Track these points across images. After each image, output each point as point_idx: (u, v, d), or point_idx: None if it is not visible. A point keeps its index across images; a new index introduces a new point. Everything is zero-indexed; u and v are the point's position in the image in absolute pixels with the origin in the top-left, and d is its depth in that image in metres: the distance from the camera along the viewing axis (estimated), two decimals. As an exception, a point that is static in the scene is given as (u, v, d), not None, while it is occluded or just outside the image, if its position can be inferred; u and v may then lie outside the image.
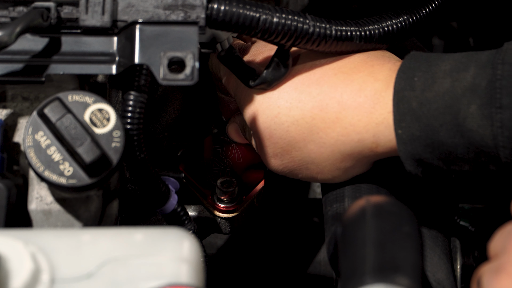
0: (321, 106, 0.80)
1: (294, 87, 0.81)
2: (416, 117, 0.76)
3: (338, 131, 0.79)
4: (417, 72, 0.77)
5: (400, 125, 0.76)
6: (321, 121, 0.80)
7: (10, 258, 0.62)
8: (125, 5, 0.74)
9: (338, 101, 0.79)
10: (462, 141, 0.74)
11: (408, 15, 0.83)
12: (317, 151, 0.81)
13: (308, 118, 0.80)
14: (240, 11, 0.75)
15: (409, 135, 0.76)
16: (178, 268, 0.64)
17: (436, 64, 0.77)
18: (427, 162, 0.77)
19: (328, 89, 0.80)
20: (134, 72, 0.75)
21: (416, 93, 0.76)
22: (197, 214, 0.95)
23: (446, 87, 0.75)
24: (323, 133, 0.80)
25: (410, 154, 0.77)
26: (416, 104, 0.76)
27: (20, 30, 0.70)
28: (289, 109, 0.81)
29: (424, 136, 0.76)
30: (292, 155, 0.82)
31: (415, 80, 0.77)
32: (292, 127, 0.81)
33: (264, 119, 0.82)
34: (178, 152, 0.96)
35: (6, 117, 0.77)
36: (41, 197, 0.75)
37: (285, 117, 0.81)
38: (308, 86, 0.81)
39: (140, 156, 0.76)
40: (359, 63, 0.81)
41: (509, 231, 0.66)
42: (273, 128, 0.81)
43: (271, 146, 0.82)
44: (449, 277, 0.83)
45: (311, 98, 0.80)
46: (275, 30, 0.77)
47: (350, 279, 0.68)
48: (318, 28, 0.79)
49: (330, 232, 0.84)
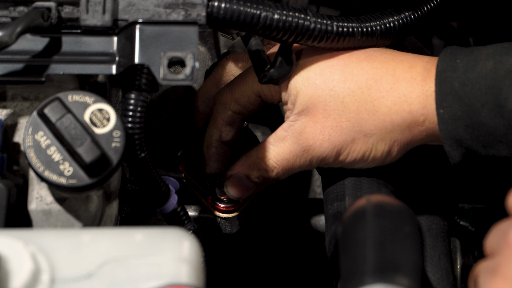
0: (375, 78, 0.81)
1: (344, 64, 0.82)
2: (458, 97, 0.77)
3: (391, 99, 0.81)
4: (459, 55, 0.79)
5: (442, 104, 0.78)
6: (376, 91, 0.81)
7: (10, 258, 0.62)
8: (126, 4, 0.74)
9: (391, 74, 0.81)
10: (503, 122, 0.76)
11: (410, 12, 0.84)
12: (369, 119, 0.81)
13: (364, 89, 0.81)
14: (240, 8, 0.75)
15: (451, 115, 0.78)
16: (178, 268, 0.64)
17: (478, 49, 0.79)
18: (466, 144, 0.78)
19: (379, 65, 0.82)
20: (135, 72, 0.75)
21: (458, 74, 0.78)
22: (197, 214, 0.95)
23: (489, 68, 0.77)
24: (377, 101, 0.81)
25: (450, 134, 0.78)
26: (458, 84, 0.78)
27: (20, 30, 0.70)
28: (344, 81, 0.82)
29: (465, 116, 0.77)
30: (343, 126, 0.82)
31: (457, 62, 0.79)
32: (348, 97, 0.82)
33: (320, 94, 0.82)
34: (178, 152, 0.96)
35: (6, 117, 0.77)
36: (41, 197, 0.75)
37: (341, 89, 0.82)
38: (358, 63, 0.82)
39: (141, 156, 0.76)
40: (399, 53, 0.84)
41: (503, 230, 0.66)
42: (328, 101, 0.82)
43: (322, 121, 0.82)
44: (449, 277, 0.83)
45: (364, 72, 0.82)
46: (276, 27, 0.77)
47: (350, 279, 0.68)
48: (320, 25, 0.79)
49: (331, 232, 0.84)
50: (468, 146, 0.78)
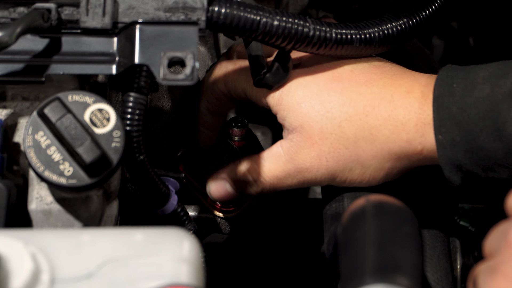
0: (373, 104, 0.80)
1: (343, 88, 0.81)
2: (456, 122, 0.77)
3: (389, 128, 0.80)
4: (456, 79, 0.78)
5: (440, 130, 0.77)
6: (374, 118, 0.80)
7: (10, 258, 0.62)
8: (126, 7, 0.74)
9: (389, 101, 0.80)
10: (502, 146, 0.75)
11: (408, 18, 0.83)
12: (367, 148, 0.81)
13: (362, 115, 0.80)
14: (240, 14, 0.75)
15: (449, 140, 0.77)
16: (178, 268, 0.64)
17: (474, 71, 0.78)
18: (466, 169, 0.78)
19: (378, 90, 0.81)
20: (134, 73, 0.75)
21: (456, 99, 0.77)
22: (197, 214, 0.95)
23: (486, 92, 0.76)
24: (375, 130, 0.80)
25: (449, 159, 0.78)
26: (456, 110, 0.77)
27: (20, 31, 0.70)
28: (341, 105, 0.81)
29: (464, 141, 0.76)
30: (340, 153, 0.81)
31: (454, 86, 0.78)
32: (345, 122, 0.81)
33: (316, 114, 0.81)
34: (178, 152, 0.96)
35: (6, 117, 0.77)
36: (41, 197, 0.75)
37: (338, 113, 0.81)
38: (358, 87, 0.81)
39: (140, 158, 0.76)
40: (397, 71, 0.83)
41: (503, 230, 0.66)
42: (324, 123, 0.81)
43: (319, 143, 0.82)
44: (448, 277, 0.83)
45: (362, 97, 0.81)
46: (275, 33, 0.77)
47: (350, 279, 0.68)
48: (319, 31, 0.79)
49: (330, 232, 0.84)
50: (468, 170, 0.78)
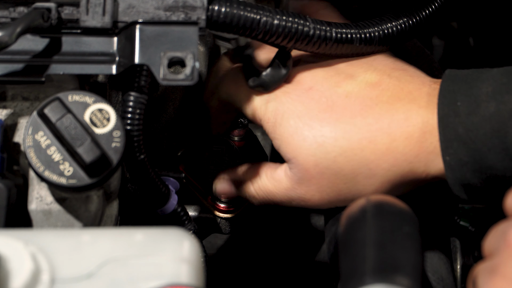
0: (369, 137, 0.78)
1: (336, 118, 0.79)
2: (464, 143, 0.75)
3: (389, 162, 0.78)
4: (459, 96, 0.76)
5: (448, 151, 0.76)
6: (371, 153, 0.78)
7: (10, 258, 0.62)
8: (126, 6, 0.74)
9: (387, 133, 0.78)
10: (511, 165, 0.74)
11: (408, 17, 0.83)
12: (366, 183, 0.79)
13: (357, 150, 0.78)
14: (240, 13, 0.75)
15: (457, 161, 0.76)
16: (178, 268, 0.64)
17: (476, 86, 0.76)
18: (475, 187, 0.77)
19: (373, 121, 0.78)
20: (134, 73, 0.75)
21: (462, 119, 0.75)
22: (197, 214, 0.95)
23: (492, 111, 0.74)
24: (373, 164, 0.78)
25: (458, 180, 0.76)
26: (462, 130, 0.75)
27: (20, 31, 0.70)
28: (334, 139, 0.78)
29: (472, 162, 0.75)
30: (339, 188, 0.80)
31: (458, 105, 0.76)
32: (340, 157, 0.78)
33: (308, 147, 0.79)
34: (178, 152, 0.96)
35: (6, 117, 0.77)
36: (41, 197, 0.75)
37: (332, 147, 0.78)
38: (352, 118, 0.79)
39: (140, 158, 0.76)
40: (395, 89, 0.80)
41: (502, 230, 0.66)
42: (318, 157, 0.78)
43: (317, 177, 0.79)
44: (448, 277, 0.83)
45: (357, 130, 0.78)
46: (275, 32, 0.77)
47: (350, 279, 0.68)
48: (319, 31, 0.79)
49: (331, 232, 0.84)
50: (477, 188, 0.77)
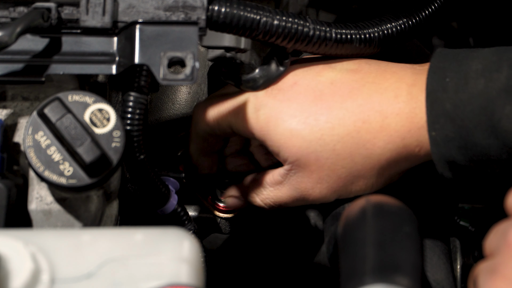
0: (363, 118, 0.79)
1: (328, 107, 0.80)
2: (450, 119, 0.76)
3: (384, 139, 0.79)
4: (448, 72, 0.77)
5: (434, 126, 0.77)
6: (366, 133, 0.79)
7: (10, 258, 0.62)
8: (126, 6, 0.74)
9: (378, 111, 0.79)
10: (496, 143, 0.75)
11: (408, 18, 0.83)
12: (364, 163, 0.80)
13: (354, 133, 0.79)
14: (241, 13, 0.75)
15: (443, 137, 0.76)
16: (178, 268, 0.64)
17: (466, 63, 0.77)
18: (459, 165, 0.77)
19: (363, 101, 0.79)
20: (134, 73, 0.75)
21: (449, 95, 0.76)
22: (197, 214, 0.95)
23: (480, 88, 0.75)
24: (370, 144, 0.79)
25: (443, 156, 0.77)
26: (449, 106, 0.76)
27: (20, 31, 0.70)
28: (331, 129, 0.79)
29: (458, 138, 0.76)
30: (339, 173, 0.81)
31: (447, 81, 0.76)
32: (338, 145, 0.79)
33: (308, 146, 0.80)
34: (178, 152, 0.96)
35: (6, 117, 0.77)
36: (41, 197, 0.75)
37: (330, 137, 0.79)
38: (342, 102, 0.80)
39: (140, 158, 0.76)
40: (378, 71, 0.81)
41: (503, 230, 0.66)
42: (319, 151, 0.80)
43: (318, 170, 0.81)
44: (448, 277, 0.83)
45: (350, 113, 0.79)
46: (275, 33, 0.77)
47: (350, 279, 0.68)
48: (318, 31, 0.79)
49: (330, 232, 0.84)
50: (461, 165, 0.77)
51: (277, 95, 0.81)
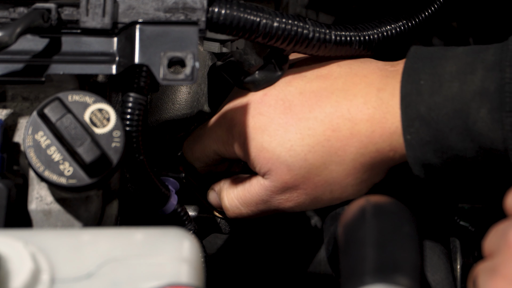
0: (332, 127, 0.79)
1: (297, 118, 0.80)
2: (425, 122, 0.75)
3: (355, 145, 0.79)
4: (422, 75, 0.76)
5: (409, 130, 0.76)
6: (336, 141, 0.79)
7: (10, 258, 0.62)
8: (126, 7, 0.74)
9: (347, 118, 0.79)
10: (472, 145, 0.74)
11: (407, 20, 0.83)
12: (339, 170, 0.80)
13: (324, 142, 0.79)
14: (240, 15, 0.75)
15: (418, 141, 0.76)
16: (178, 268, 0.64)
17: (440, 64, 0.76)
18: (435, 167, 0.77)
19: (332, 109, 0.79)
20: (134, 73, 0.75)
21: (424, 98, 0.76)
22: (197, 214, 0.95)
23: (455, 91, 0.74)
24: (341, 151, 0.79)
25: (419, 159, 0.77)
26: (424, 109, 0.75)
27: (20, 31, 0.70)
28: (301, 139, 0.80)
29: (433, 141, 0.76)
30: (315, 181, 0.81)
31: (421, 83, 0.76)
32: (309, 154, 0.80)
33: (278, 156, 0.80)
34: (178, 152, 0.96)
35: (6, 117, 0.77)
36: (41, 197, 0.75)
37: (300, 147, 0.80)
38: (311, 112, 0.80)
39: (139, 158, 0.76)
40: (348, 76, 0.81)
41: (503, 230, 0.66)
42: (290, 162, 0.80)
43: (292, 181, 0.81)
44: (448, 277, 0.83)
45: (319, 122, 0.79)
46: (275, 34, 0.77)
47: (350, 279, 0.68)
48: (318, 33, 0.79)
49: (329, 232, 0.84)
50: (437, 168, 0.77)
51: (247, 109, 0.82)
